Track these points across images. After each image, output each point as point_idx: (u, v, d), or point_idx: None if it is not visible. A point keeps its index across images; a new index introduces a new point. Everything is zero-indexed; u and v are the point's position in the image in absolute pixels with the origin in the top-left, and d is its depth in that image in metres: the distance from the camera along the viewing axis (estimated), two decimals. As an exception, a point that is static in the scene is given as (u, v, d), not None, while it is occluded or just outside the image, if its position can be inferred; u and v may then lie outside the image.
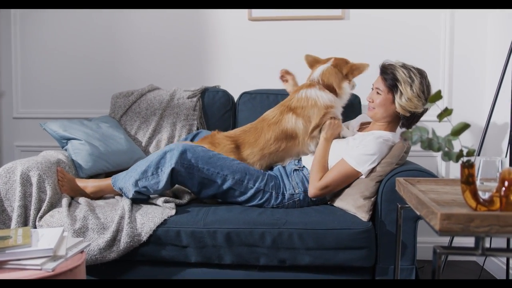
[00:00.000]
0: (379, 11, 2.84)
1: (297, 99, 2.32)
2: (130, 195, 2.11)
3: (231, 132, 2.42)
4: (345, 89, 2.31)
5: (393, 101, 2.14)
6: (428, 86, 2.12)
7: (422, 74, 2.13)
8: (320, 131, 2.25)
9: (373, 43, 2.87)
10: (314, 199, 2.17)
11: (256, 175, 2.15)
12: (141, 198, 2.15)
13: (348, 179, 2.10)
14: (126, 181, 2.12)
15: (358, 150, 2.09)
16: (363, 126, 2.39)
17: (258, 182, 2.14)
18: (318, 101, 2.26)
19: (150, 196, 2.19)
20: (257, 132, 2.34)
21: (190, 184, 2.12)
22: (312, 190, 2.13)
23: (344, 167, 2.09)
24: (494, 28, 2.75)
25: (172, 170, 2.04)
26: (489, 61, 2.79)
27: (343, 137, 2.28)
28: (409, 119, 2.17)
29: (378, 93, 2.17)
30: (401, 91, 2.10)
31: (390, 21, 2.86)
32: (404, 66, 2.14)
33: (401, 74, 2.10)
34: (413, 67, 2.14)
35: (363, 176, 2.07)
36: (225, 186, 2.11)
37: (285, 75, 2.55)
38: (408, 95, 2.08)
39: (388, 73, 2.14)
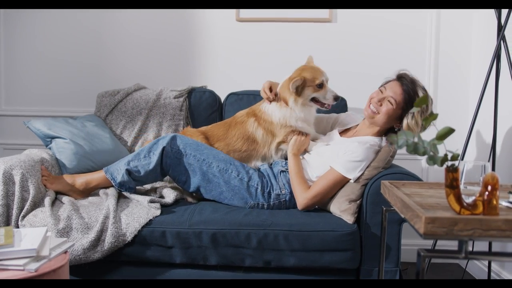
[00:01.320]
0: (366, 12, 2.87)
1: (259, 109, 2.35)
2: (120, 177, 2.14)
3: (203, 127, 2.47)
4: (291, 105, 2.24)
5: (400, 117, 2.12)
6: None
7: (430, 97, 2.12)
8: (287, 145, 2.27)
9: (360, 43, 2.89)
10: None
11: (241, 167, 2.19)
12: (128, 186, 2.17)
13: (338, 186, 2.09)
14: (119, 165, 2.18)
15: (345, 157, 2.07)
16: (349, 129, 2.37)
17: (242, 174, 2.17)
18: (273, 119, 2.29)
19: (136, 190, 2.23)
20: (225, 127, 2.39)
21: (177, 170, 2.17)
22: (303, 201, 2.09)
23: (333, 175, 2.08)
24: (479, 29, 2.78)
25: (163, 150, 2.13)
26: (474, 64, 2.83)
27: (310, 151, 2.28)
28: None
29: (390, 101, 2.11)
30: (413, 114, 2.08)
31: (376, 22, 2.88)
32: (424, 89, 2.11)
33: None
34: (426, 91, 2.12)
35: (351, 181, 2.07)
36: (210, 174, 2.15)
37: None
38: (418, 120, 2.07)
39: (408, 89, 2.09)
